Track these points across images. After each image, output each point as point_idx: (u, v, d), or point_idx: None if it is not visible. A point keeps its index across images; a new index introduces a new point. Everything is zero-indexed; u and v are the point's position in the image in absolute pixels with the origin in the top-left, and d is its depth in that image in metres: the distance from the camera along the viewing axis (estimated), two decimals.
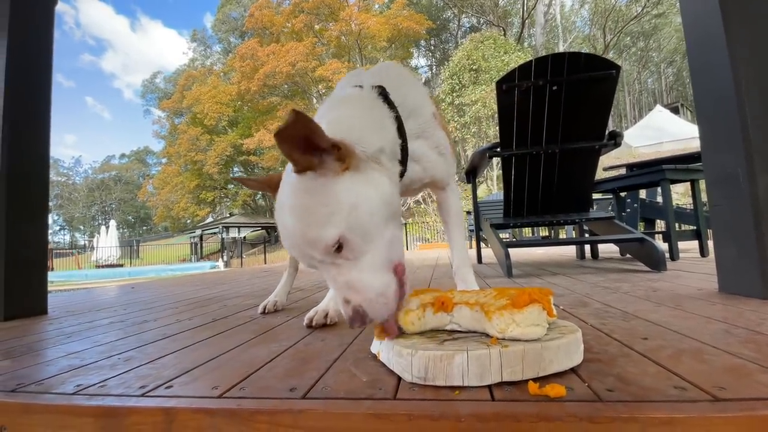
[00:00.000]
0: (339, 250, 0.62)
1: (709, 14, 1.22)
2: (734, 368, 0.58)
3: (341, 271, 0.63)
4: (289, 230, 0.63)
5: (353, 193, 0.63)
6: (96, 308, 1.77)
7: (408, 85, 0.95)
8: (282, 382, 0.63)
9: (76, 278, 13.32)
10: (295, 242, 0.64)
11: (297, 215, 0.62)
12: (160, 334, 1.09)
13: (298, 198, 0.63)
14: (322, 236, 0.60)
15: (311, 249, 0.62)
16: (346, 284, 0.62)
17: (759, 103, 1.13)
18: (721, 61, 1.19)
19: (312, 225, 0.61)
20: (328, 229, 0.60)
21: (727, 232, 1.22)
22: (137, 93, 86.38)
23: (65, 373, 0.76)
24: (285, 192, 0.66)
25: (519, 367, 0.56)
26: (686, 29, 1.36)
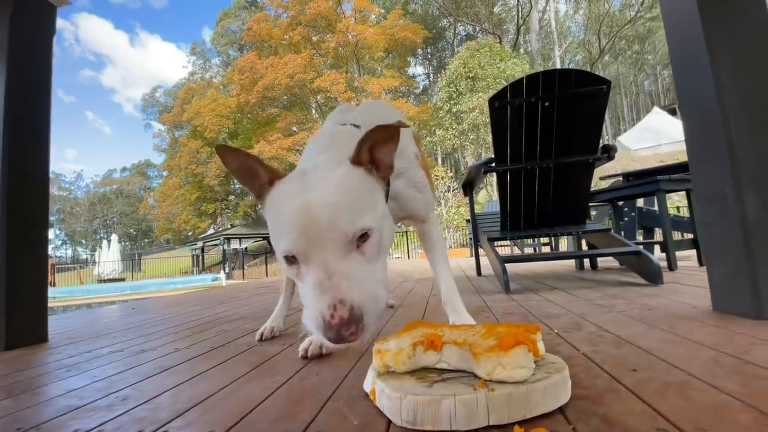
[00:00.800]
0: (360, 245, 0.62)
1: (693, 36, 1.25)
2: (717, 406, 0.59)
3: (351, 266, 0.60)
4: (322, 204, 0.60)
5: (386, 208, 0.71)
6: (96, 335, 1.78)
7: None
8: (275, 425, 0.64)
9: (78, 294, 13.31)
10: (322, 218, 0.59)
11: (340, 194, 0.62)
12: (157, 366, 1.10)
13: (346, 181, 0.65)
14: (359, 220, 0.61)
15: (337, 229, 0.59)
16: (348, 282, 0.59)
17: (745, 122, 1.15)
18: (704, 78, 1.21)
19: (352, 207, 0.62)
20: (366, 217, 0.63)
21: (718, 251, 1.23)
22: (137, 107, 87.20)
23: (64, 416, 0.77)
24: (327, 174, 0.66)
25: (505, 410, 0.57)
26: (671, 49, 1.38)
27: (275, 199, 0.68)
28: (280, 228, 0.64)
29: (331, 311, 0.56)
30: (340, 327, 0.56)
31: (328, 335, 0.57)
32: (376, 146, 0.68)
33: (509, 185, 2.39)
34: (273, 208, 0.68)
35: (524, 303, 1.72)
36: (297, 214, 0.61)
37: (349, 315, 0.56)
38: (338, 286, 0.58)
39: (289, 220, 0.62)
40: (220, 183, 25.65)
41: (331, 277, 0.59)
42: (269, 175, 0.71)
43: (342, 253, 0.60)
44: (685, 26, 1.29)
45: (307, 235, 0.60)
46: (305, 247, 0.60)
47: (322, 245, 0.60)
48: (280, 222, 0.64)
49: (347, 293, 0.58)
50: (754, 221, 1.12)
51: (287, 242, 0.62)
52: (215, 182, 25.04)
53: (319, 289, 0.59)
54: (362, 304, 0.58)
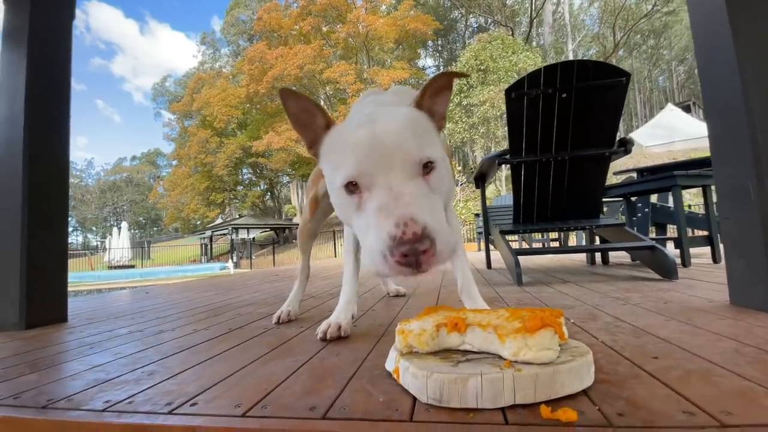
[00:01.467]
0: (426, 175, 0.61)
1: (718, 26, 1.22)
2: (741, 391, 0.59)
3: (418, 191, 0.57)
4: (390, 131, 0.60)
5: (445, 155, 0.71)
6: (113, 316, 1.82)
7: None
8: (301, 400, 0.65)
9: (89, 279, 13.57)
10: (390, 142, 0.58)
11: (406, 125, 0.63)
12: (178, 345, 1.13)
13: (411, 119, 0.65)
14: (424, 150, 0.60)
15: (404, 152, 0.58)
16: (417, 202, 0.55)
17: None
18: (730, 73, 1.19)
19: (418, 136, 0.62)
20: (430, 150, 0.62)
21: (737, 245, 1.22)
22: (147, 96, 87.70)
23: (92, 388, 0.80)
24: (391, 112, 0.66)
25: (531, 390, 0.57)
26: (696, 43, 1.36)
27: (335, 136, 0.68)
28: (343, 158, 0.61)
29: (402, 228, 0.52)
30: (414, 241, 0.51)
31: (401, 250, 0.51)
32: (437, 93, 0.70)
33: (523, 178, 2.38)
34: (333, 143, 0.67)
35: (537, 295, 1.72)
36: (362, 139, 0.59)
37: (422, 231, 0.52)
38: (407, 206, 0.54)
39: (354, 145, 0.59)
40: (229, 173, 25.79)
41: (398, 199, 0.55)
42: (326, 120, 0.71)
43: (408, 176, 0.58)
44: (712, 20, 1.26)
45: (373, 156, 0.58)
46: (370, 168, 0.58)
47: (389, 167, 0.57)
48: (343, 151, 0.61)
49: (418, 212, 0.53)
50: None
51: (350, 167, 0.58)
52: (224, 172, 25.17)
53: (385, 210, 0.55)
54: (433, 227, 0.54)
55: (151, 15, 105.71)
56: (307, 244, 1.51)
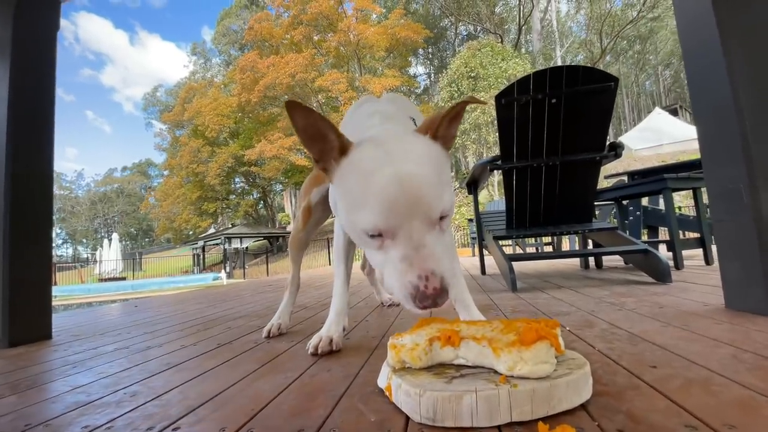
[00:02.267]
0: (441, 219, 0.65)
1: (704, 27, 1.23)
2: (743, 401, 0.57)
3: (435, 240, 0.64)
4: (416, 182, 0.61)
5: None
6: (100, 332, 1.77)
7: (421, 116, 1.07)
8: (289, 422, 0.63)
9: (79, 293, 13.32)
10: (415, 196, 0.61)
11: (429, 171, 0.64)
12: (164, 363, 1.09)
13: (435, 161, 0.66)
14: (445, 197, 0.64)
15: (430, 207, 0.62)
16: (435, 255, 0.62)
17: (759, 117, 1.13)
18: (719, 75, 1.20)
19: (440, 184, 0.64)
20: (449, 194, 0.65)
21: (731, 248, 1.21)
22: (137, 106, 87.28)
23: (72, 412, 0.76)
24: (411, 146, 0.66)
25: (528, 407, 0.55)
26: (683, 44, 1.37)
27: (354, 168, 0.66)
28: (365, 201, 0.62)
29: (424, 282, 0.60)
30: (435, 295, 0.60)
31: (424, 303, 0.60)
32: (454, 120, 0.69)
33: (515, 183, 2.38)
34: (352, 178, 0.66)
35: (532, 301, 1.71)
36: (388, 189, 0.60)
37: (441, 285, 0.61)
38: (428, 258, 0.61)
39: (379, 195, 0.61)
40: (221, 182, 25.63)
41: (418, 251, 0.61)
42: (341, 141, 0.68)
43: (429, 227, 0.63)
44: (699, 22, 1.27)
45: (399, 210, 0.61)
46: (396, 221, 0.61)
47: (412, 220, 0.61)
48: (365, 195, 0.62)
49: (436, 266, 0.61)
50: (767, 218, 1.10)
51: (375, 217, 0.61)
52: (216, 181, 25.00)
53: (408, 261, 0.61)
54: (448, 275, 0.63)
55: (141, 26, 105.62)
56: (298, 255, 1.49)
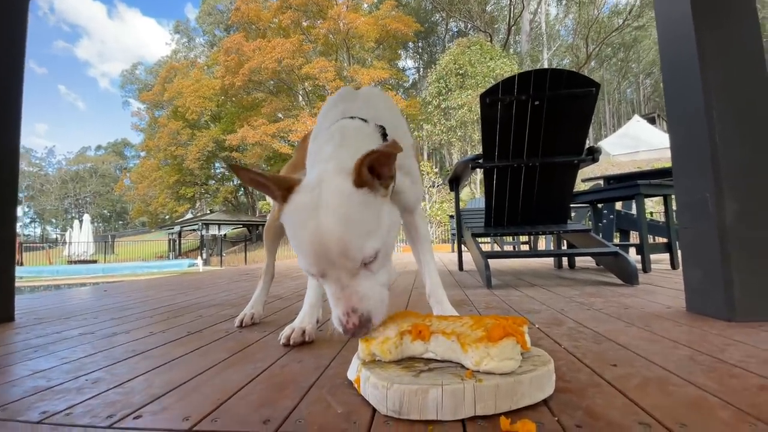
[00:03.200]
0: (368, 263, 0.70)
1: (684, 41, 1.27)
2: (696, 402, 0.60)
3: (359, 281, 0.70)
4: (331, 235, 0.67)
5: (390, 217, 0.76)
6: (65, 316, 1.71)
7: (397, 119, 1.07)
8: (256, 412, 0.62)
9: (47, 274, 12.82)
10: (331, 247, 0.67)
11: (347, 223, 0.68)
12: (130, 350, 1.06)
13: (352, 208, 0.69)
14: (367, 247, 0.69)
15: (348, 256, 0.67)
16: (358, 294, 0.70)
17: (729, 131, 1.18)
18: (693, 88, 1.24)
19: (361, 235, 0.69)
20: (374, 242, 0.70)
21: (694, 255, 1.27)
22: (114, 83, 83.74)
23: (31, 396, 0.74)
24: (333, 198, 0.69)
25: (492, 401, 0.56)
26: (662, 54, 1.41)
27: (290, 216, 0.73)
28: (299, 248, 0.71)
29: (346, 318, 0.69)
30: (353, 330, 0.69)
31: (347, 335, 0.70)
32: (374, 164, 0.72)
33: (495, 182, 2.41)
34: (290, 224, 0.73)
35: (505, 298, 1.74)
36: (311, 244, 0.68)
37: (359, 321, 0.69)
38: (350, 297, 0.70)
39: (306, 248, 0.69)
40: (200, 167, 24.96)
41: (343, 290, 0.70)
42: (281, 189, 0.75)
43: (352, 273, 0.70)
44: (678, 32, 1.31)
45: (323, 261, 0.69)
46: (321, 269, 0.70)
47: (335, 269, 0.69)
48: (298, 244, 0.71)
49: (357, 304, 0.69)
50: (731, 228, 1.15)
51: (306, 264, 0.71)
52: (195, 165, 24.34)
53: (335, 299, 0.71)
54: (370, 309, 0.70)
55: None
56: (273, 244, 1.47)
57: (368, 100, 1.03)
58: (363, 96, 1.05)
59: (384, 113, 1.02)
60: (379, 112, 1.00)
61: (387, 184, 0.76)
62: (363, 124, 0.93)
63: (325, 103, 1.12)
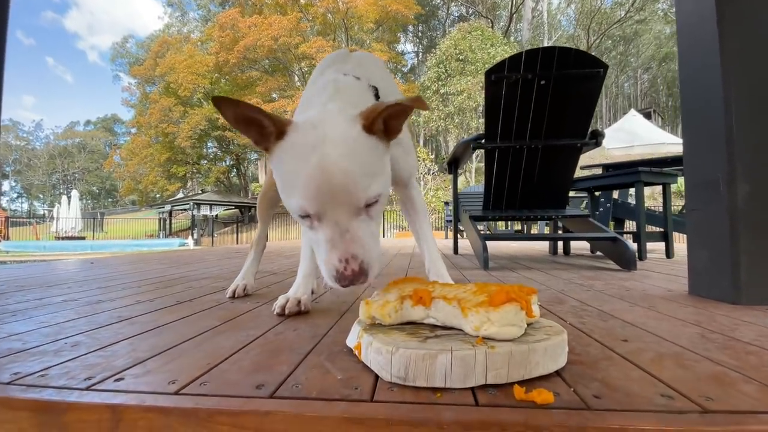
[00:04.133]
0: (369, 207, 0.67)
1: (705, 18, 1.21)
2: (717, 376, 0.57)
3: (360, 225, 0.66)
4: (341, 171, 0.63)
5: (389, 166, 0.74)
6: (48, 284, 1.64)
7: (390, 82, 1.05)
8: (249, 377, 0.58)
9: (33, 249, 12.62)
10: (337, 180, 0.63)
11: (355, 158, 0.65)
12: (115, 316, 1.01)
13: (361, 147, 0.67)
14: (371, 188, 0.65)
15: (353, 196, 0.64)
16: (359, 239, 0.65)
17: (746, 112, 1.13)
18: (711, 67, 1.19)
19: (367, 174, 0.65)
20: (377, 185, 0.67)
21: (701, 237, 1.24)
22: (103, 56, 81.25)
23: (2, 358, 0.68)
24: (340, 134, 0.66)
25: (504, 369, 0.53)
26: (680, 32, 1.35)
27: (288, 150, 0.67)
28: (295, 185, 0.65)
29: (344, 264, 0.63)
30: (352, 277, 0.63)
31: (342, 283, 0.64)
32: (391, 117, 0.70)
33: (496, 164, 2.36)
34: (286, 161, 0.67)
35: (503, 278, 1.71)
36: (314, 176, 0.63)
37: (359, 268, 0.64)
38: (350, 243, 0.64)
39: (306, 181, 0.63)
40: (192, 145, 24.50)
41: (342, 235, 0.64)
42: (276, 125, 0.68)
43: (353, 214, 0.65)
44: (697, 8, 1.25)
45: (324, 197, 0.63)
46: (320, 207, 0.64)
47: (336, 206, 0.64)
48: (295, 179, 0.65)
49: (357, 250, 0.64)
50: (742, 209, 1.12)
51: (303, 201, 0.64)
52: (187, 144, 23.87)
53: (332, 244, 0.65)
54: (369, 258, 0.65)
55: None
56: (267, 212, 1.41)
57: (361, 62, 1.01)
58: (356, 58, 1.03)
59: (377, 75, 1.00)
60: (371, 73, 0.98)
61: (392, 138, 0.74)
62: (356, 81, 0.91)
63: (318, 65, 1.07)
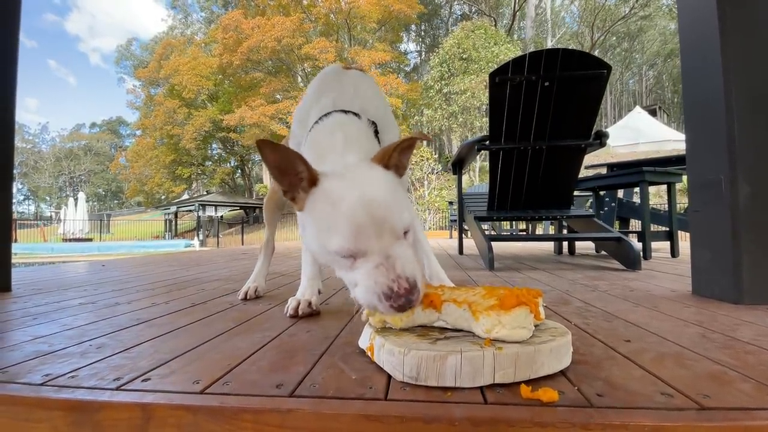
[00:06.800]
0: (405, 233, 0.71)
1: (706, 18, 1.23)
2: (715, 375, 0.59)
3: (403, 251, 0.69)
4: (377, 204, 0.68)
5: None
6: (64, 287, 1.69)
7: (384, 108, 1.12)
8: (267, 377, 0.61)
9: (42, 251, 12.77)
10: (379, 215, 0.67)
11: (390, 195, 0.71)
12: (134, 318, 1.05)
13: (391, 187, 0.74)
14: (405, 216, 0.71)
15: (393, 224, 0.68)
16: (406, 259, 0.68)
17: (747, 113, 1.15)
18: (713, 68, 1.21)
19: (401, 208, 0.71)
20: (408, 213, 0.73)
21: (704, 237, 1.26)
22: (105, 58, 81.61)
23: (32, 360, 0.72)
24: (371, 176, 0.74)
25: (511, 369, 0.55)
26: (681, 32, 1.37)
27: (323, 198, 0.72)
28: (334, 228, 0.69)
29: (398, 283, 0.65)
30: (407, 294, 0.64)
31: (398, 302, 0.64)
32: (404, 152, 0.79)
33: (501, 165, 2.38)
34: (320, 207, 0.72)
35: (509, 279, 1.74)
36: (355, 215, 0.67)
37: (412, 284, 0.65)
38: (398, 264, 0.67)
39: (347, 221, 0.67)
40: (197, 147, 24.65)
41: (389, 259, 0.67)
42: (310, 173, 0.74)
43: (395, 241, 0.69)
44: (699, 10, 1.27)
45: (367, 232, 0.67)
46: (365, 242, 0.67)
47: (380, 238, 0.67)
48: (334, 222, 0.69)
49: (407, 269, 0.66)
50: (744, 210, 1.14)
51: (348, 240, 0.67)
52: (192, 146, 24.01)
53: (381, 270, 0.66)
54: (417, 276, 0.68)
55: None
56: (274, 216, 1.44)
57: (357, 89, 1.05)
58: (351, 83, 1.07)
59: (372, 104, 1.06)
60: (368, 103, 1.04)
61: (401, 174, 0.82)
62: (358, 121, 0.98)
63: (314, 82, 1.11)
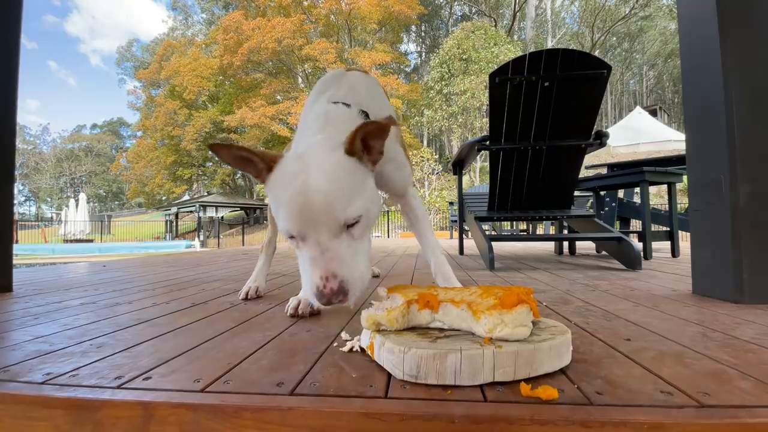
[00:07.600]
0: (350, 227, 0.70)
1: (706, 19, 1.23)
2: (715, 373, 0.59)
3: (341, 245, 0.69)
4: (319, 193, 0.67)
5: (374, 191, 0.78)
6: (65, 287, 1.69)
7: (381, 103, 1.11)
8: (268, 375, 0.61)
9: (42, 252, 12.79)
10: (315, 202, 0.67)
11: (335, 184, 0.69)
12: (134, 318, 1.05)
13: (340, 171, 0.71)
14: (350, 209, 0.69)
15: (331, 216, 0.67)
16: (339, 258, 0.68)
17: (747, 112, 1.15)
18: (712, 67, 1.21)
19: (345, 197, 0.69)
20: (356, 206, 0.70)
21: (704, 237, 1.26)
22: (106, 60, 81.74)
23: (33, 359, 0.72)
24: (321, 162, 0.71)
25: (511, 367, 0.55)
26: (681, 32, 1.37)
27: (275, 181, 0.74)
28: (281, 209, 0.71)
29: (324, 282, 0.66)
30: (330, 296, 0.66)
31: (321, 301, 0.66)
32: (368, 136, 0.75)
33: (501, 165, 2.38)
34: (274, 189, 0.74)
35: (509, 279, 1.74)
36: (295, 200, 0.68)
37: (338, 287, 0.66)
38: (330, 262, 0.67)
39: (288, 204, 0.68)
40: (197, 148, 24.67)
41: (323, 254, 0.68)
42: (265, 161, 0.75)
43: (334, 234, 0.69)
44: (699, 9, 1.27)
45: (304, 218, 0.67)
46: (302, 228, 0.68)
47: (317, 227, 0.68)
48: (280, 204, 0.70)
49: (337, 269, 0.67)
50: (743, 209, 1.14)
51: (287, 223, 0.69)
52: (192, 147, 24.05)
53: (313, 263, 0.68)
54: (349, 277, 0.68)
55: None
56: None
57: (353, 86, 1.06)
58: (348, 81, 1.08)
59: (368, 98, 1.06)
60: (362, 97, 1.03)
61: (374, 160, 0.78)
62: (346, 109, 0.97)
63: (316, 84, 1.13)
